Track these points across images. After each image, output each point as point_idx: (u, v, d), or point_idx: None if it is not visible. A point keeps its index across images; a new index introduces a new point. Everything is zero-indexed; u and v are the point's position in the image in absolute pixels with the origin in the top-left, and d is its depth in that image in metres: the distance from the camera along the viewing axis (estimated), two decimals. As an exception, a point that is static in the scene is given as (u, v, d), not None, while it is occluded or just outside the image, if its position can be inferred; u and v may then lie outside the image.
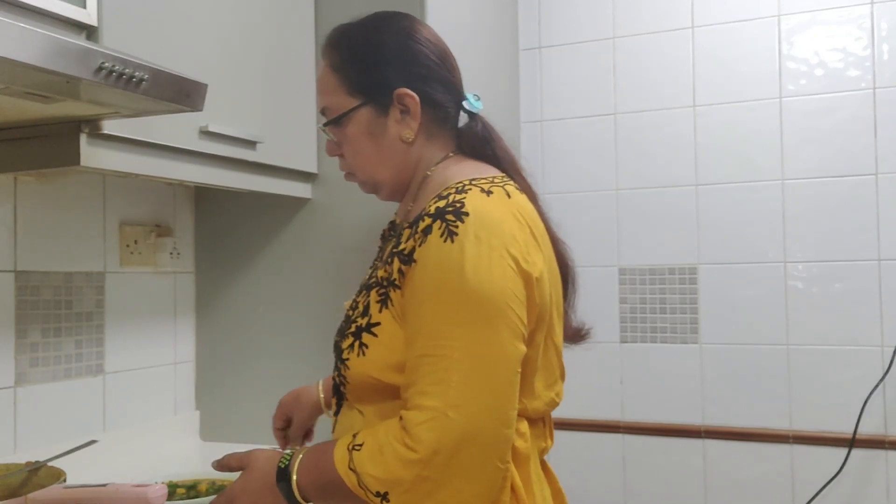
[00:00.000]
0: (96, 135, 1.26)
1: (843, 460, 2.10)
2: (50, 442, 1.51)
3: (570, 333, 1.21)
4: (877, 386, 2.08)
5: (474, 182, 1.05)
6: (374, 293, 1.05)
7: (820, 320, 2.16)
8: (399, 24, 1.17)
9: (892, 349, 2.07)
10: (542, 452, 1.14)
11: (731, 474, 2.23)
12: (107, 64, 1.03)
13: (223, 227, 1.92)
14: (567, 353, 1.18)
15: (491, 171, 1.12)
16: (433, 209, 1.00)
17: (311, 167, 1.78)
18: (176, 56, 1.36)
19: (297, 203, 1.82)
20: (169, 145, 1.40)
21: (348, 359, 1.05)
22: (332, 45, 1.18)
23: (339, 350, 1.08)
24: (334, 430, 1.14)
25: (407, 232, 1.02)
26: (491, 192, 1.04)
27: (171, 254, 1.81)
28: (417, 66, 1.14)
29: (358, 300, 1.09)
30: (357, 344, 1.04)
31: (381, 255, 1.21)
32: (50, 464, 1.24)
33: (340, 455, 0.97)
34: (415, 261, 0.99)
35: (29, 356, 1.52)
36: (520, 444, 1.03)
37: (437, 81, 1.14)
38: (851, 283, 2.14)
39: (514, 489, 1.01)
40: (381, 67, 1.14)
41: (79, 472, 1.34)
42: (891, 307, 2.10)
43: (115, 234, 1.72)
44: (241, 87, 1.57)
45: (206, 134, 1.46)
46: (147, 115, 1.27)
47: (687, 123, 2.30)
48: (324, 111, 1.19)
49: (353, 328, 1.06)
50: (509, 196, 1.05)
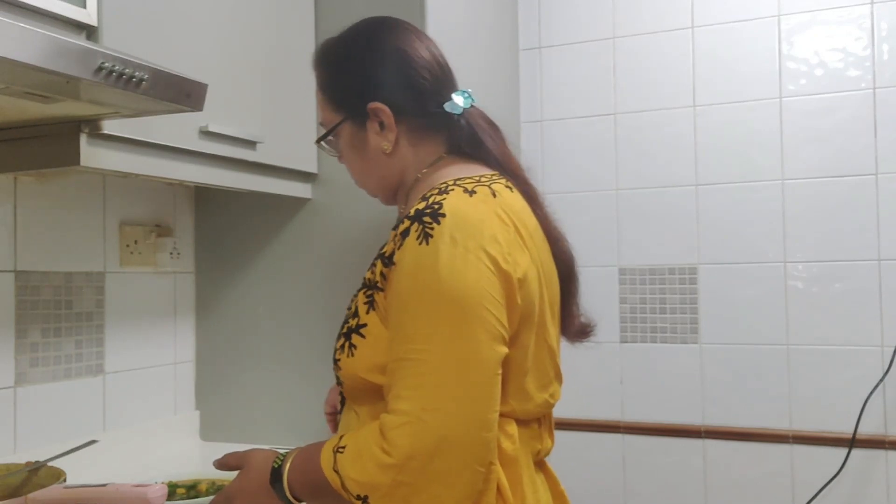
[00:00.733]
0: (96, 135, 1.26)
1: (843, 460, 2.09)
2: (50, 442, 1.51)
3: (573, 331, 1.20)
4: (877, 386, 2.08)
5: (458, 182, 1.05)
6: (361, 295, 1.06)
7: (820, 320, 2.16)
8: (373, 36, 1.16)
9: (892, 349, 2.07)
10: (539, 454, 1.12)
11: (731, 474, 2.23)
12: (107, 64, 1.03)
13: (223, 227, 1.92)
14: (567, 353, 1.18)
15: (481, 170, 1.11)
16: (413, 211, 1.01)
17: (311, 167, 1.78)
18: (176, 56, 1.36)
19: (297, 203, 1.82)
20: (169, 145, 1.40)
21: (339, 359, 1.06)
22: (316, 64, 1.21)
23: (333, 351, 1.09)
24: (338, 429, 1.15)
25: (391, 234, 1.03)
26: (474, 192, 1.03)
27: (171, 254, 1.81)
28: (389, 77, 1.13)
29: (352, 301, 1.10)
30: (347, 345, 1.05)
31: None
32: (50, 464, 1.24)
33: (326, 456, 0.98)
34: (394, 263, 0.99)
35: (29, 356, 1.52)
36: (507, 445, 1.02)
37: (412, 89, 1.13)
38: (851, 283, 2.14)
39: (500, 490, 0.99)
40: (354, 83, 1.15)
41: (79, 472, 1.34)
42: (891, 307, 2.10)
43: (115, 234, 1.72)
44: (241, 87, 1.57)
45: (206, 134, 1.46)
46: (147, 115, 1.27)
47: (687, 123, 2.30)
48: (321, 125, 1.22)
49: (345, 329, 1.07)
50: (495, 195, 1.04)
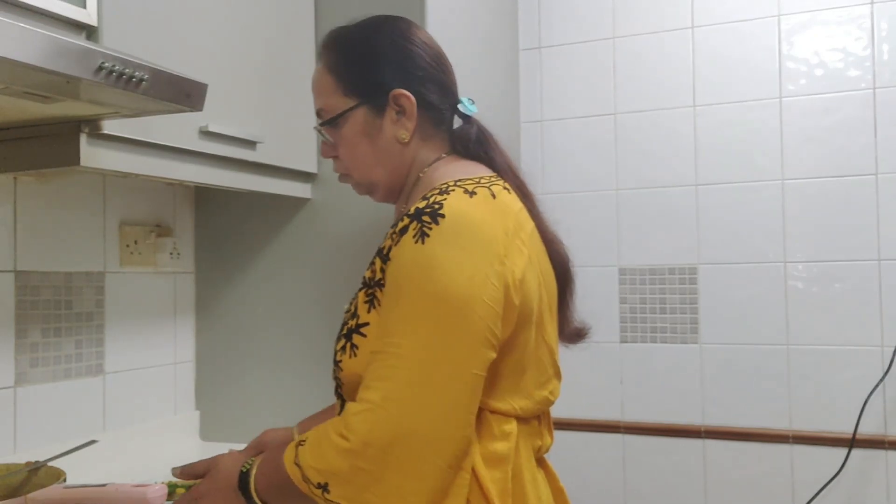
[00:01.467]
0: (96, 135, 1.26)
1: (843, 460, 2.10)
2: (50, 442, 1.51)
3: (568, 333, 1.20)
4: (877, 386, 2.08)
5: (459, 183, 1.05)
6: (361, 294, 1.06)
7: (820, 320, 2.16)
8: (395, 27, 1.17)
9: (892, 349, 2.07)
10: (539, 451, 1.13)
11: (731, 474, 2.23)
12: (107, 64, 1.03)
13: (223, 227, 1.92)
14: (567, 353, 1.18)
15: (481, 171, 1.12)
16: (413, 210, 1.01)
17: (311, 167, 1.78)
18: (176, 56, 1.36)
19: (297, 203, 1.82)
20: (169, 145, 1.40)
21: (341, 360, 1.06)
22: (328, 47, 1.19)
23: (334, 353, 1.09)
24: None
25: (389, 231, 1.04)
26: (475, 193, 1.03)
27: (171, 254, 1.81)
28: (413, 68, 1.14)
29: (351, 302, 1.10)
30: (349, 345, 1.05)
31: None
32: (50, 464, 1.24)
33: (289, 452, 0.98)
34: (390, 259, 1.00)
35: (29, 356, 1.52)
36: (500, 446, 1.02)
37: (433, 83, 1.15)
38: (851, 283, 2.14)
39: (485, 495, 0.99)
40: (378, 68, 1.14)
41: (79, 472, 1.34)
42: (891, 307, 2.10)
43: (115, 234, 1.72)
44: (241, 87, 1.57)
45: (206, 134, 1.46)
46: (147, 115, 1.27)
47: (687, 123, 2.30)
48: (319, 112, 1.19)
49: (345, 330, 1.07)
50: (494, 196, 1.05)
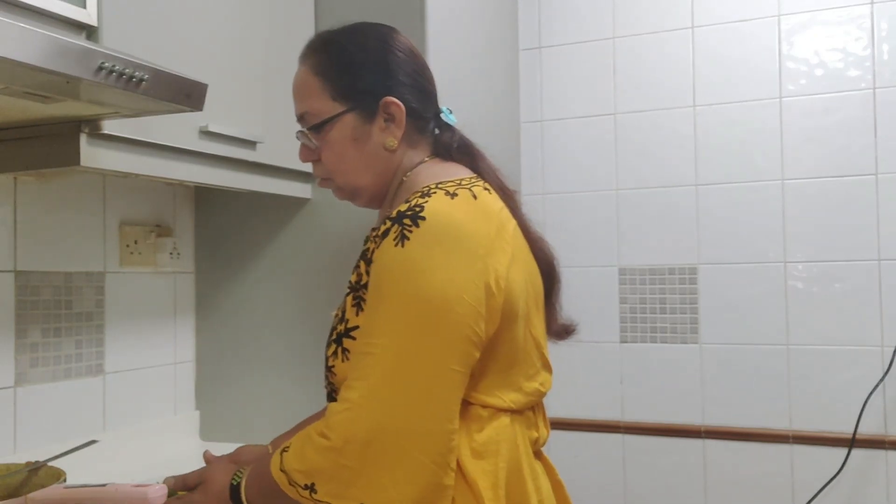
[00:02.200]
0: (96, 135, 1.26)
1: (843, 460, 2.10)
2: (50, 442, 1.51)
3: (556, 330, 1.21)
4: (877, 386, 2.08)
5: (440, 185, 1.06)
6: (349, 298, 1.07)
7: (820, 320, 2.16)
8: (381, 34, 1.18)
9: (892, 349, 2.07)
10: (536, 443, 1.13)
11: (731, 474, 2.23)
12: (107, 64, 1.03)
13: (223, 227, 1.92)
14: (567, 352, 1.19)
15: (462, 172, 1.13)
16: (395, 213, 1.02)
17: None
18: (176, 56, 1.36)
19: (297, 203, 1.82)
20: (169, 145, 1.40)
21: (334, 365, 1.06)
22: (315, 50, 1.18)
23: (325, 359, 1.09)
24: None
25: (371, 234, 1.05)
26: (455, 195, 1.04)
27: (171, 254, 1.81)
28: (401, 76, 1.15)
29: (339, 307, 1.11)
30: (340, 350, 1.05)
31: None
32: (50, 464, 1.24)
33: (275, 459, 1.00)
34: (372, 262, 1.01)
35: (29, 356, 1.52)
36: (488, 438, 1.01)
37: (418, 91, 1.16)
38: (851, 283, 2.14)
39: (469, 485, 0.99)
40: (368, 74, 1.14)
41: (79, 472, 1.33)
42: (891, 307, 2.10)
43: (115, 234, 1.72)
44: (241, 87, 1.57)
45: (206, 134, 1.46)
46: (147, 115, 1.27)
47: (687, 123, 2.30)
48: (303, 116, 1.18)
49: (334, 335, 1.07)
50: (475, 197, 1.06)
